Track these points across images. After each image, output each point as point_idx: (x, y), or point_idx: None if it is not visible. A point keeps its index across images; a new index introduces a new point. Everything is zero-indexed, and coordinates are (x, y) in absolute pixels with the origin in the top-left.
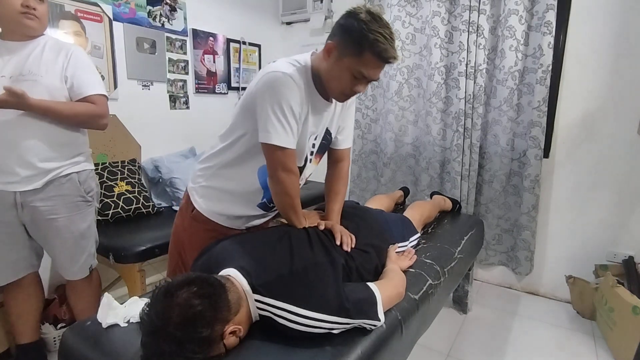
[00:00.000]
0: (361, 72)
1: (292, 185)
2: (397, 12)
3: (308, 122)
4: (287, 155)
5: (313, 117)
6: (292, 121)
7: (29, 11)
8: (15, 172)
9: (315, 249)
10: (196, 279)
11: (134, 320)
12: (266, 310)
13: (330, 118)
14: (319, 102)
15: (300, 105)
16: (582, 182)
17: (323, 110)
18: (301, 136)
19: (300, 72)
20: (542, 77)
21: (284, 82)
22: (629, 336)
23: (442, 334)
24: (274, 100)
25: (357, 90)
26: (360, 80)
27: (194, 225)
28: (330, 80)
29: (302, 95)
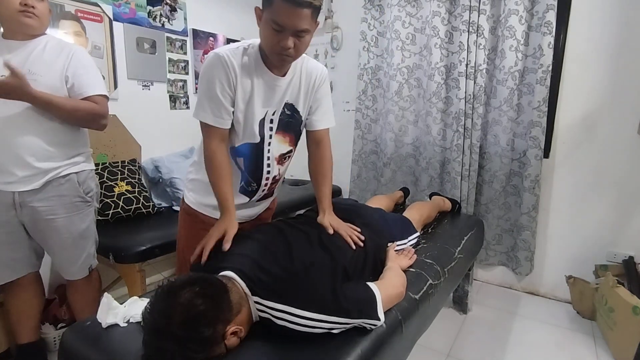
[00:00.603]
0: (275, 21)
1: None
2: (397, 12)
3: (254, 98)
4: (208, 131)
5: (264, 92)
6: (215, 98)
7: (27, 9)
8: (13, 172)
9: (314, 248)
10: (199, 279)
11: (134, 320)
12: (266, 312)
13: (292, 93)
14: (268, 77)
15: (231, 83)
16: (582, 182)
17: (274, 84)
18: (248, 112)
19: (242, 51)
20: (542, 77)
21: (211, 62)
22: (629, 336)
23: (442, 334)
24: (202, 79)
25: (284, 46)
26: (281, 33)
27: (186, 220)
28: (262, 44)
29: (236, 74)
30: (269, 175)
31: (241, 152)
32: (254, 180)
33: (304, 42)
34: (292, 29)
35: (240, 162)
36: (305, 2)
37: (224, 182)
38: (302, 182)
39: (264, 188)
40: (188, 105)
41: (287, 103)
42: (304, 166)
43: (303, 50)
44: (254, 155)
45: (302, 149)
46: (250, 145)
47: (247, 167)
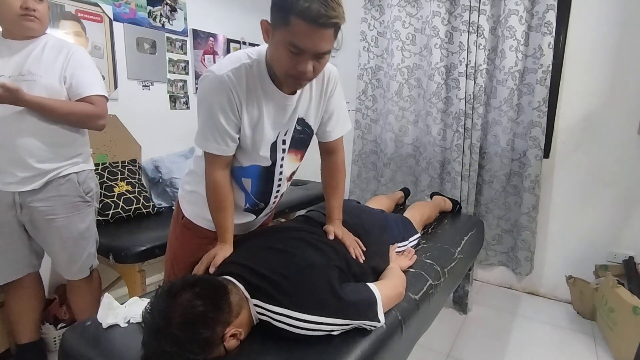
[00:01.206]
0: (294, 43)
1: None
2: (397, 13)
3: (265, 121)
4: (212, 160)
5: (275, 114)
6: (212, 125)
7: (28, 13)
8: (13, 173)
9: (312, 250)
10: (199, 280)
11: (134, 321)
12: (265, 315)
13: (303, 106)
14: (278, 96)
15: (235, 107)
16: (582, 183)
17: (285, 104)
18: (257, 137)
19: (247, 68)
20: (542, 77)
21: (211, 84)
22: (629, 336)
23: (442, 334)
24: (201, 104)
25: (302, 70)
26: (300, 56)
27: (185, 234)
28: (273, 64)
29: (240, 97)
30: (277, 194)
31: (249, 173)
32: (261, 201)
33: (322, 63)
34: (313, 52)
35: (246, 183)
36: (330, 22)
37: (224, 215)
38: (302, 182)
39: (272, 206)
40: (188, 106)
41: (299, 118)
42: (304, 166)
43: (320, 72)
44: (263, 177)
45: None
46: (259, 168)
47: (255, 189)
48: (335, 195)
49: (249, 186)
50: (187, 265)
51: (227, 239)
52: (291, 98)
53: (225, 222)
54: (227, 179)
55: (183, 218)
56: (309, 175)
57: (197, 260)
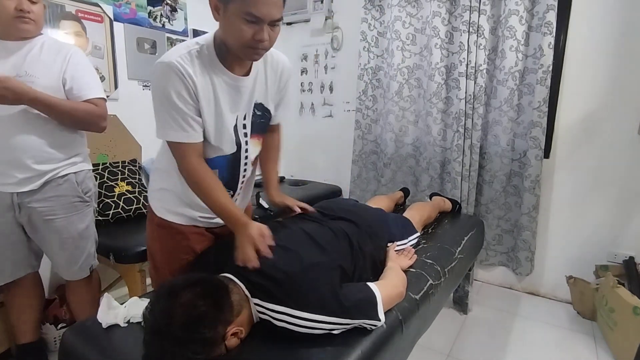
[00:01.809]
0: (250, 12)
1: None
2: (398, 13)
3: (222, 105)
4: (181, 150)
5: (230, 97)
6: (176, 114)
7: (23, 15)
8: (12, 174)
9: (310, 249)
10: (200, 280)
11: (134, 321)
12: (266, 314)
13: (260, 91)
14: (231, 79)
15: (191, 92)
16: (582, 183)
17: (239, 85)
18: (218, 122)
19: (195, 53)
20: (543, 77)
21: (162, 72)
22: (630, 337)
23: (442, 334)
24: (155, 95)
25: (261, 39)
26: (257, 25)
27: (160, 233)
28: (228, 39)
29: (193, 82)
30: (243, 179)
31: (215, 164)
32: (230, 188)
33: (276, 31)
34: (269, 19)
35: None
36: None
37: (218, 193)
38: (302, 182)
39: (239, 192)
40: None
41: (257, 103)
42: (304, 166)
43: (274, 41)
44: (230, 165)
45: (301, 148)
46: (225, 157)
47: (223, 177)
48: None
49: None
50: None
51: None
52: (244, 79)
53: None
54: (203, 162)
55: (156, 218)
56: (309, 175)
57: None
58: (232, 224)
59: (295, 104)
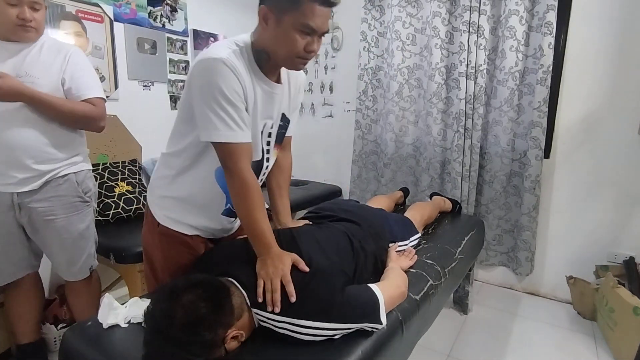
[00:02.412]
0: (307, 24)
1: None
2: (398, 13)
3: (257, 109)
4: (235, 150)
5: (263, 103)
6: (232, 111)
7: (25, 24)
8: (12, 175)
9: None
10: (201, 282)
11: (135, 321)
12: (267, 322)
13: (284, 102)
14: (267, 85)
15: (242, 90)
16: (582, 183)
17: (273, 92)
18: (254, 125)
19: (239, 54)
20: (543, 77)
21: (213, 68)
22: (630, 337)
23: (442, 335)
24: (207, 92)
25: (312, 50)
26: (310, 36)
27: (164, 241)
28: (278, 48)
29: (243, 79)
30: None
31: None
32: None
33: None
34: (322, 31)
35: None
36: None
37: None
38: (302, 182)
39: None
40: None
41: (282, 114)
42: (304, 166)
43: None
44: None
45: (301, 148)
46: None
47: None
48: (286, 195)
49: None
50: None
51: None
52: (277, 86)
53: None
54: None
55: (159, 225)
56: (309, 175)
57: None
58: (261, 246)
59: None
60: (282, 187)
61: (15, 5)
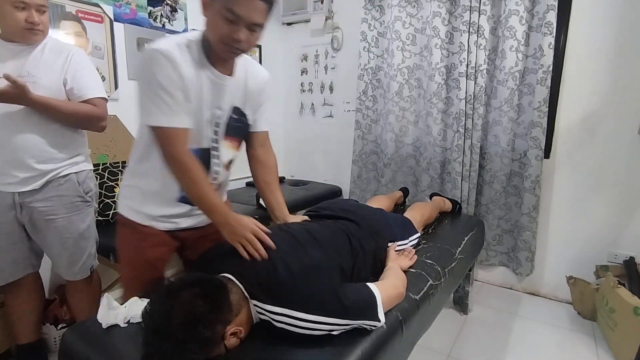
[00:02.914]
0: (231, 9)
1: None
2: (398, 13)
3: (203, 99)
4: (170, 134)
5: (211, 93)
6: (166, 98)
7: (33, 27)
8: (13, 174)
9: (309, 250)
10: (199, 280)
11: (134, 321)
12: (265, 314)
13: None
14: (215, 75)
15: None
16: (582, 183)
17: (222, 84)
18: (196, 115)
19: (184, 46)
20: (543, 77)
21: (153, 58)
22: (630, 337)
23: (442, 335)
24: (143, 79)
25: (237, 38)
26: (236, 24)
27: (121, 232)
28: (209, 35)
29: (182, 69)
30: (215, 182)
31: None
32: None
33: (255, 37)
34: (247, 21)
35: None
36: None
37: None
38: (302, 182)
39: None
40: None
41: (235, 107)
42: (304, 166)
43: (253, 46)
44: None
45: (301, 148)
46: (198, 150)
47: None
48: (277, 188)
49: None
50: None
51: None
52: (226, 78)
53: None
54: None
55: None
56: (309, 175)
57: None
58: (218, 216)
59: (295, 104)
60: (270, 183)
61: (24, 9)
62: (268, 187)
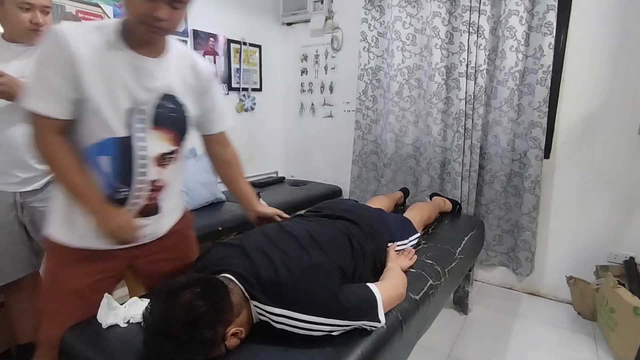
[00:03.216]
0: None
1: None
2: (398, 13)
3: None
4: (40, 123)
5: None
6: (48, 82)
7: (37, 28)
8: (15, 174)
9: (309, 250)
10: (199, 280)
11: (134, 321)
12: (265, 315)
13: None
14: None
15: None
16: (582, 183)
17: (143, 66)
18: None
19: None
20: (543, 77)
21: (48, 38)
22: (630, 337)
23: (442, 335)
24: (35, 60)
25: (158, 16)
26: (155, 2)
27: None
28: (128, 14)
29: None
30: (144, 178)
31: (106, 148)
32: (124, 184)
33: (178, 14)
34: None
35: (103, 162)
36: None
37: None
38: (302, 182)
39: (138, 194)
40: None
41: (167, 94)
42: (304, 166)
43: (177, 25)
44: (121, 152)
45: (301, 148)
46: (116, 141)
47: (115, 168)
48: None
49: (106, 166)
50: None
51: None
52: (149, 60)
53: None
54: (64, 142)
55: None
56: (309, 175)
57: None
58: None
59: (296, 104)
60: (234, 179)
61: (28, 10)
62: (233, 183)
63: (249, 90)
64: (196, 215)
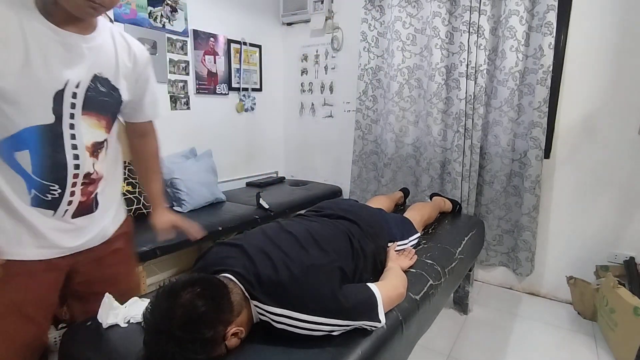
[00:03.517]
0: None
1: None
2: (398, 13)
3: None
4: None
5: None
6: None
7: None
8: None
9: (310, 250)
10: (200, 280)
11: (134, 321)
12: (265, 315)
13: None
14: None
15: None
16: (583, 183)
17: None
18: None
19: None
20: (543, 77)
21: None
22: (630, 337)
23: (442, 335)
24: None
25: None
26: None
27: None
28: None
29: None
30: (78, 171)
31: (24, 141)
32: (54, 181)
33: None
34: None
35: (22, 158)
36: None
37: None
38: (302, 182)
39: (72, 190)
40: (189, 106)
41: (101, 77)
42: (304, 166)
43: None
44: (47, 143)
45: (302, 148)
46: (39, 129)
47: (39, 163)
48: (156, 178)
49: (27, 163)
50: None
51: None
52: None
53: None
54: None
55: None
56: (309, 175)
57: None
58: None
59: (295, 104)
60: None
61: None
62: (144, 179)
63: (249, 90)
64: (196, 215)
